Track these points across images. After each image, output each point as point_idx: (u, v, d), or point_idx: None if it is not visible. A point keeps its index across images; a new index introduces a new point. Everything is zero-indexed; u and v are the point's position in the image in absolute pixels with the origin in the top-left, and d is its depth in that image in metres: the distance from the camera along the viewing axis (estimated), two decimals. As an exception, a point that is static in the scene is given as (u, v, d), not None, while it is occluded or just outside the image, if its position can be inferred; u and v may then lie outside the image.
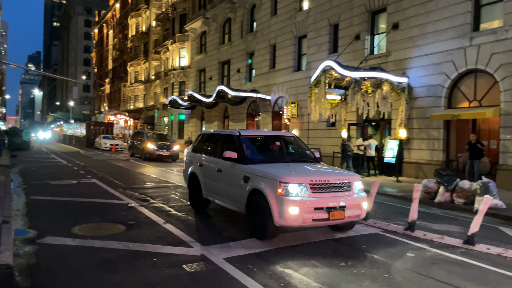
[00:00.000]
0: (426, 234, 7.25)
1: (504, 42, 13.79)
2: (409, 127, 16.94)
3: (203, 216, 8.51)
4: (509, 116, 13.63)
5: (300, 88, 23.19)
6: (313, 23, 22.77)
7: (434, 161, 15.83)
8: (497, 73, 13.98)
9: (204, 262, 5.45)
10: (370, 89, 16.24)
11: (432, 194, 11.25)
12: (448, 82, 15.63)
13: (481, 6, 14.94)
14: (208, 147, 9.04)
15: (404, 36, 17.26)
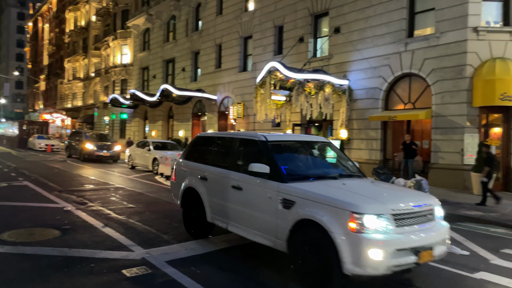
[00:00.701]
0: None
1: (435, 48, 14.74)
2: (350, 127, 17.60)
3: (145, 219, 8.23)
4: (439, 117, 14.58)
5: (246, 89, 23.28)
6: (259, 24, 22.96)
7: (373, 160, 16.57)
8: (429, 77, 14.92)
9: (145, 266, 5.26)
10: (313, 91, 16.66)
11: (371, 192, 11.74)
12: (385, 85, 16.43)
13: (415, 14, 15.87)
14: (213, 154, 7.02)
15: (345, 40, 17.90)
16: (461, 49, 14.05)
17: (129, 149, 21.00)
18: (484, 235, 8.01)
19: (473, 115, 13.95)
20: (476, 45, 13.87)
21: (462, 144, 13.96)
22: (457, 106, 14.14)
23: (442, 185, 14.00)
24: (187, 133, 28.76)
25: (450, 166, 14.20)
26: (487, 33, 13.80)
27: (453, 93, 14.24)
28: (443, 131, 14.48)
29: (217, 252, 6.05)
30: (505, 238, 7.80)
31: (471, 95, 13.87)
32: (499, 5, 14.30)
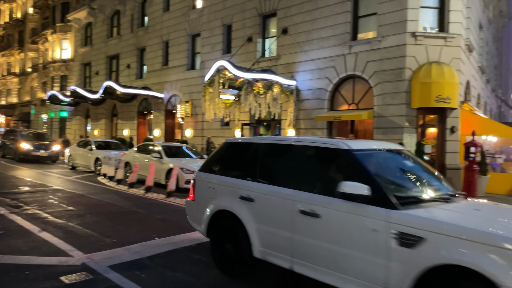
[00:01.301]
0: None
1: (377, 51, 15.38)
2: (297, 127, 17.93)
3: (86, 222, 7.84)
4: (381, 118, 15.25)
5: (194, 87, 22.98)
6: (207, 22, 22.74)
7: (319, 159, 16.97)
8: (371, 79, 15.55)
9: (86, 272, 4.98)
10: (262, 91, 16.78)
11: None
12: (330, 86, 16.91)
13: (358, 18, 16.47)
14: (262, 167, 5.06)
15: (293, 41, 18.21)
16: (400, 52, 14.78)
17: (69, 149, 19.97)
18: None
19: (411, 116, 14.73)
20: (414, 49, 14.65)
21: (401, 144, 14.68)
22: (397, 107, 14.86)
23: (384, 183, 14.63)
24: (132, 132, 27.87)
25: (391, 164, 14.87)
26: (424, 38, 14.63)
27: (393, 94, 14.95)
28: (384, 131, 15.15)
29: (166, 253, 5.88)
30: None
31: (409, 97, 14.64)
32: (435, 12, 15.21)
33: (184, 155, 14.22)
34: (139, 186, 12.66)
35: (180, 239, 6.63)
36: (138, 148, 15.39)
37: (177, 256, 5.80)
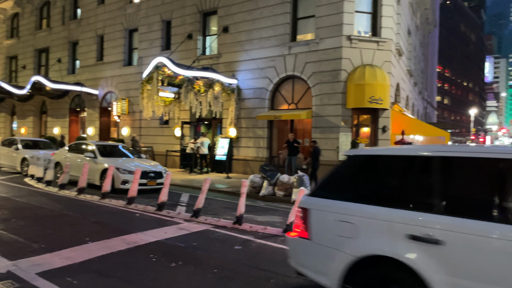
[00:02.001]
0: (252, 226, 7.73)
1: (315, 53, 15.84)
2: (238, 126, 17.97)
3: (12, 227, 7.24)
4: (319, 118, 15.72)
5: (132, 84, 22.19)
6: (145, 17, 22.06)
7: (260, 158, 17.16)
8: (310, 80, 15.98)
9: (11, 280, 4.59)
10: (202, 89, 16.58)
11: (258, 188, 12.15)
12: (271, 86, 17.14)
13: (297, 19, 16.85)
14: (436, 191, 3.36)
15: (234, 40, 18.20)
16: (337, 55, 15.34)
17: None
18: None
19: (347, 116, 15.36)
20: (349, 52, 15.28)
21: (337, 142, 15.26)
22: (334, 107, 15.41)
23: (321, 180, 15.12)
24: (63, 131, 26.27)
25: (328, 162, 15.39)
26: (359, 41, 15.31)
27: (330, 95, 15.48)
28: (321, 130, 15.65)
29: (100, 258, 5.59)
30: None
31: (345, 98, 15.25)
32: (369, 17, 15.96)
33: (121, 154, 13.67)
34: (71, 187, 11.96)
35: (115, 243, 6.34)
36: (70, 147, 14.55)
37: (112, 261, 5.54)
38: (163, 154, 19.42)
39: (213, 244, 6.53)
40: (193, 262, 5.57)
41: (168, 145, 20.04)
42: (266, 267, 5.41)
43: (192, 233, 7.23)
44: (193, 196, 11.02)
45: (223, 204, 10.82)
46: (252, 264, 5.55)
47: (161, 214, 8.72)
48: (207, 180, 8.61)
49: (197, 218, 8.21)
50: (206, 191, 8.53)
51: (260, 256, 5.95)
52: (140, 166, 12.03)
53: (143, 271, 5.15)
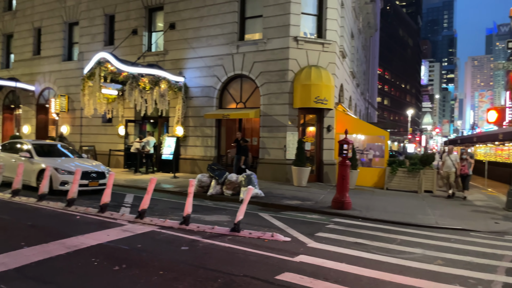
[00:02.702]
0: (199, 226, 7.64)
1: (263, 52, 15.98)
2: (186, 125, 17.70)
3: None
4: (266, 117, 15.88)
5: (72, 80, 21.13)
6: (86, 10, 21.09)
7: (208, 157, 17.02)
8: (258, 79, 16.10)
9: None
10: (148, 86, 16.14)
11: (206, 188, 12.04)
12: (219, 84, 17.05)
13: (245, 19, 16.90)
14: None
15: (181, 37, 17.90)
16: (284, 55, 15.58)
17: None
18: (302, 221, 9.02)
19: (294, 115, 15.64)
20: (296, 52, 15.57)
21: (284, 141, 15.51)
22: (281, 107, 15.64)
23: (268, 178, 15.32)
24: (-4, 129, 24.47)
25: (275, 161, 15.63)
26: (305, 43, 15.64)
27: (277, 95, 15.69)
28: (269, 129, 15.82)
29: (37, 263, 5.24)
30: (319, 223, 8.94)
31: (292, 97, 15.52)
32: (314, 19, 16.36)
33: (59, 154, 12.94)
34: (4, 189, 11.14)
35: (54, 247, 5.99)
36: (3, 146, 13.56)
37: (51, 266, 5.23)
38: (106, 153, 18.69)
39: (159, 246, 6.37)
40: (138, 264, 5.40)
41: (111, 144, 19.30)
42: (214, 267, 5.37)
43: (137, 235, 7.00)
44: (138, 197, 10.70)
45: (170, 204, 10.60)
46: (199, 264, 5.49)
47: (104, 216, 8.37)
48: (153, 180, 8.38)
49: (142, 219, 7.97)
50: (151, 192, 8.29)
51: (208, 256, 5.90)
52: (81, 166, 11.47)
53: (84, 276, 4.91)
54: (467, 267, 5.94)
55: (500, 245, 7.64)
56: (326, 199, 11.93)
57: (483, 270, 5.81)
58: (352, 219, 9.64)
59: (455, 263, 6.13)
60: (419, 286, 5.01)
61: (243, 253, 6.12)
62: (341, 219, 9.57)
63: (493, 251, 7.01)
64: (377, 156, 17.07)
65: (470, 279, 5.38)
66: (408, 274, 5.44)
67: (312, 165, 15.88)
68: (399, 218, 9.82)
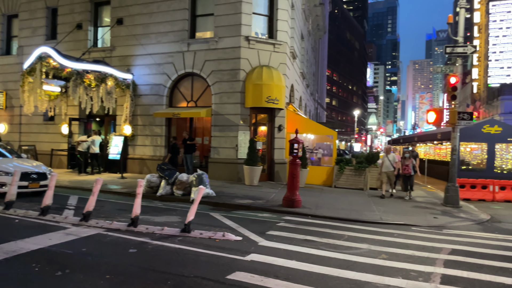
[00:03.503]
0: (148, 227, 7.44)
1: (214, 51, 15.87)
2: (134, 123, 17.19)
3: None
4: (218, 116, 15.80)
5: (10, 75, 19.83)
6: (27, 2, 19.88)
7: (157, 157, 16.65)
8: (209, 78, 15.98)
9: None
10: (94, 83, 15.51)
11: (155, 188, 11.76)
12: (169, 82, 16.73)
13: (196, 16, 16.70)
14: None
15: (129, 33, 17.35)
16: (235, 54, 15.58)
17: None
18: (254, 220, 9.07)
19: (245, 115, 15.69)
20: (247, 52, 15.62)
21: (236, 141, 15.52)
22: (233, 106, 15.63)
23: (220, 178, 15.25)
24: None
25: (227, 160, 15.59)
26: (256, 42, 15.73)
27: (229, 94, 15.66)
28: (221, 128, 15.76)
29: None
30: (270, 221, 9.03)
31: (244, 97, 15.56)
32: (265, 19, 16.50)
33: (-4, 154, 12.09)
34: None
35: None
36: None
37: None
38: (48, 153, 17.71)
39: (106, 249, 6.13)
40: (83, 269, 5.16)
41: (53, 144, 18.33)
42: (163, 269, 5.26)
43: (82, 238, 6.70)
44: (83, 199, 10.24)
45: (117, 206, 10.24)
46: (148, 266, 5.35)
47: (45, 219, 7.92)
48: (99, 180, 8.06)
49: (87, 222, 7.64)
50: (97, 193, 7.96)
51: (157, 258, 5.76)
52: (20, 166, 10.78)
53: (24, 283, 4.62)
54: (409, 260, 6.25)
55: (439, 238, 8.12)
56: (277, 197, 12.07)
57: (423, 263, 6.14)
58: (302, 216, 9.84)
59: (398, 257, 6.44)
60: (365, 280, 5.21)
61: (194, 253, 6.04)
62: (291, 217, 9.72)
63: (432, 245, 7.43)
64: (326, 155, 17.54)
65: (412, 272, 5.66)
66: (354, 269, 5.64)
67: (264, 164, 16.02)
68: (347, 215, 10.15)
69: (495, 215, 11.92)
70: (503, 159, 17.16)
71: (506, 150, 17.21)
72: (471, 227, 9.77)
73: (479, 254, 6.88)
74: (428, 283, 5.24)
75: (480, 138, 17.28)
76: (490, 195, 15.27)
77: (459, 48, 13.32)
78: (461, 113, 13.10)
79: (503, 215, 11.97)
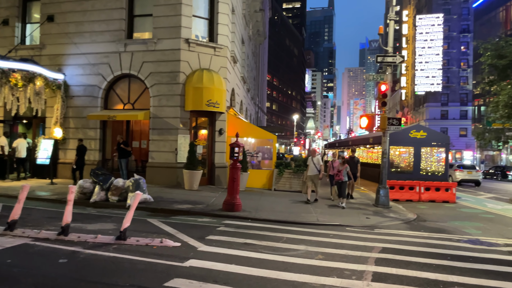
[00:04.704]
0: (81, 236, 7.07)
1: (153, 52, 15.51)
2: (66, 126, 16.28)
3: None
4: (157, 119, 15.44)
5: None
6: None
7: (91, 161, 15.88)
8: (147, 80, 15.57)
9: None
10: (20, 83, 14.48)
11: (88, 194, 11.21)
12: (105, 83, 16.06)
13: (134, 16, 16.22)
14: None
15: (61, 31, 16.43)
16: (175, 57, 15.33)
17: None
18: (193, 225, 8.96)
19: (185, 118, 15.48)
20: (188, 55, 15.45)
21: (176, 144, 15.25)
22: (172, 109, 15.35)
23: (159, 182, 14.89)
24: None
25: (166, 165, 15.26)
26: (197, 45, 15.61)
27: (168, 96, 15.36)
28: (159, 132, 15.41)
29: None
30: (209, 226, 8.97)
31: (183, 100, 15.35)
32: (206, 22, 16.44)
33: None
34: None
35: None
36: None
37: None
38: (-33, 158, 16.20)
39: (33, 260, 5.73)
40: (7, 282, 4.78)
41: (-26, 147, 16.81)
42: (96, 279, 5.02)
43: (6, 249, 6.20)
44: (8, 207, 9.50)
45: (46, 213, 9.62)
46: (80, 277, 5.07)
47: (-38, 230, 7.23)
48: (25, 187, 7.51)
49: (12, 231, 7.08)
50: (23, 200, 7.42)
51: (90, 268, 5.49)
52: None
53: None
54: (343, 260, 6.51)
55: (371, 238, 8.56)
56: (217, 201, 12.03)
57: (356, 262, 6.43)
58: (242, 220, 9.88)
59: (333, 257, 6.69)
60: (302, 281, 5.35)
61: (130, 262, 5.83)
62: (231, 221, 9.73)
63: (365, 244, 7.81)
64: (266, 159, 17.80)
65: (346, 271, 5.91)
66: (292, 270, 5.77)
67: (204, 168, 15.88)
68: (285, 217, 10.36)
69: (421, 214, 12.80)
70: (428, 161, 18.50)
71: (431, 154, 18.57)
72: (400, 226, 10.40)
73: (406, 251, 7.34)
74: (361, 281, 5.50)
75: (407, 142, 18.50)
76: (417, 196, 16.39)
77: (389, 57, 14.18)
78: (391, 119, 13.95)
79: (428, 214, 12.89)
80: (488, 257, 7.22)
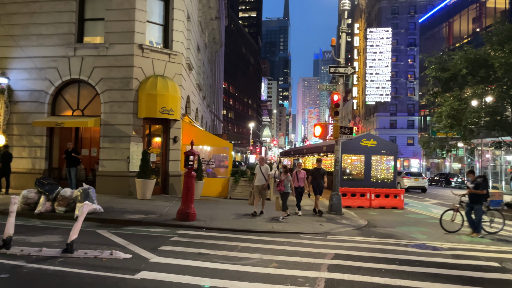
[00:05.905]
0: (24, 249, 6.66)
1: (105, 57, 15.04)
2: (9, 133, 15.37)
3: None
4: (108, 126, 14.94)
5: None
6: None
7: (36, 170, 15.07)
8: (98, 86, 15.06)
9: None
10: (-43, 86, 13.51)
11: (33, 205, 10.61)
12: (52, 89, 15.36)
13: (85, 20, 15.67)
14: None
15: (5, 33, 15.56)
16: (128, 62, 14.96)
17: None
18: (145, 236, 8.71)
19: (138, 125, 15.10)
20: (141, 61, 15.12)
21: (128, 152, 14.82)
22: (124, 116, 14.92)
23: (109, 192, 14.38)
24: None
25: (117, 173, 14.78)
26: (151, 51, 15.32)
27: (120, 103, 14.93)
28: (111, 139, 14.91)
29: None
30: (163, 236, 8.76)
31: (136, 107, 14.97)
32: (160, 28, 16.19)
33: None
34: None
35: None
36: None
37: None
38: None
39: (-33, 278, 5.31)
40: None
41: None
42: (40, 296, 4.74)
43: None
44: None
45: (-15, 226, 8.98)
46: (21, 294, 4.77)
47: None
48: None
49: None
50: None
51: (33, 283, 5.17)
52: None
53: None
54: (297, 267, 6.58)
55: (324, 244, 8.72)
56: (171, 211, 11.78)
57: (310, 269, 6.52)
58: (197, 229, 9.74)
59: (288, 264, 6.74)
60: (256, 289, 5.33)
61: (77, 275, 5.56)
62: (185, 230, 9.57)
63: (318, 251, 7.94)
64: (222, 167, 17.71)
65: (300, 278, 5.97)
66: (246, 280, 5.74)
67: (158, 177, 15.54)
68: (240, 226, 10.34)
69: (372, 220, 13.23)
70: (378, 169, 19.22)
71: (380, 162, 19.31)
72: (352, 232, 10.69)
73: (358, 257, 7.55)
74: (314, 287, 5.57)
75: (359, 150, 19.13)
76: (368, 202, 16.95)
77: (341, 68, 14.64)
78: (343, 128, 14.38)
79: (378, 220, 13.35)
80: (434, 261, 7.57)
